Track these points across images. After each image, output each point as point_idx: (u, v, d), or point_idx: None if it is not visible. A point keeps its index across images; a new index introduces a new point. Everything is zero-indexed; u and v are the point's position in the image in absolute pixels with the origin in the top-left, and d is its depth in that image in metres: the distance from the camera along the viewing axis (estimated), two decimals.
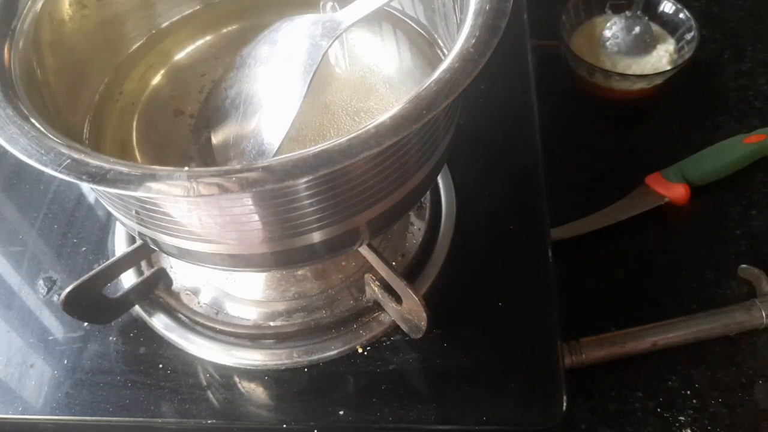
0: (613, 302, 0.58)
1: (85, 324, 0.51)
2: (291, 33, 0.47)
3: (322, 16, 0.46)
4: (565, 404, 0.45)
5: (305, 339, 0.50)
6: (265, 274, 0.53)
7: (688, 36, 0.71)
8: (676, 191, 0.64)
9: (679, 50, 0.72)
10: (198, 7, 0.56)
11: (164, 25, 0.55)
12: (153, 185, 0.33)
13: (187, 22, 0.56)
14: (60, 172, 0.34)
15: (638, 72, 0.70)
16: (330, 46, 0.45)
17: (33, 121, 0.37)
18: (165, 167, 0.34)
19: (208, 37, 0.56)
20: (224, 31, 0.56)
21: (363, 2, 0.45)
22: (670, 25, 0.73)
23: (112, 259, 0.49)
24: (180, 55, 0.55)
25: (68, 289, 0.46)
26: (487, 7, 0.38)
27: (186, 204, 0.37)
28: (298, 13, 0.52)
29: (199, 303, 0.53)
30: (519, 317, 0.50)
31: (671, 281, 0.59)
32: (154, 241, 0.43)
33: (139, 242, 0.50)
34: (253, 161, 0.42)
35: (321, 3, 0.52)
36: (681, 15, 0.72)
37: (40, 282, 0.55)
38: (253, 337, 0.50)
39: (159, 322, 0.51)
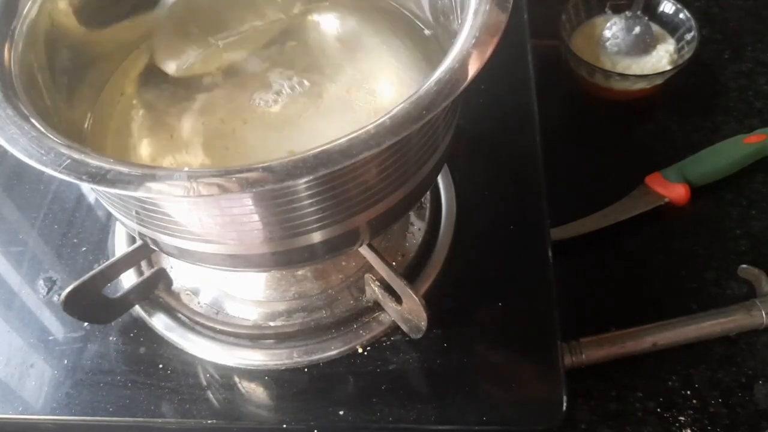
0: (613, 302, 0.58)
1: (85, 324, 0.51)
2: None
3: None
4: (565, 404, 0.45)
5: (305, 339, 0.50)
6: (265, 274, 0.53)
7: (688, 36, 0.71)
8: (676, 191, 0.64)
9: (679, 50, 0.72)
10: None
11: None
12: (153, 185, 0.33)
13: None
14: (60, 172, 0.34)
15: (638, 72, 0.70)
16: None
17: (33, 121, 0.37)
18: (165, 167, 0.34)
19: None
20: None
21: None
22: (670, 25, 0.73)
23: (112, 259, 0.49)
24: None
25: (68, 289, 0.46)
26: (487, 7, 0.38)
27: (186, 204, 0.37)
28: (298, 12, 0.52)
29: (199, 303, 0.53)
30: (519, 317, 0.50)
31: (671, 281, 0.59)
32: (154, 241, 0.43)
33: (139, 242, 0.50)
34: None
35: None
36: (681, 15, 0.72)
37: (40, 282, 0.55)
38: (253, 337, 0.50)
39: (159, 322, 0.51)
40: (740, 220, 0.63)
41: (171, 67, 0.53)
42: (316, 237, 0.40)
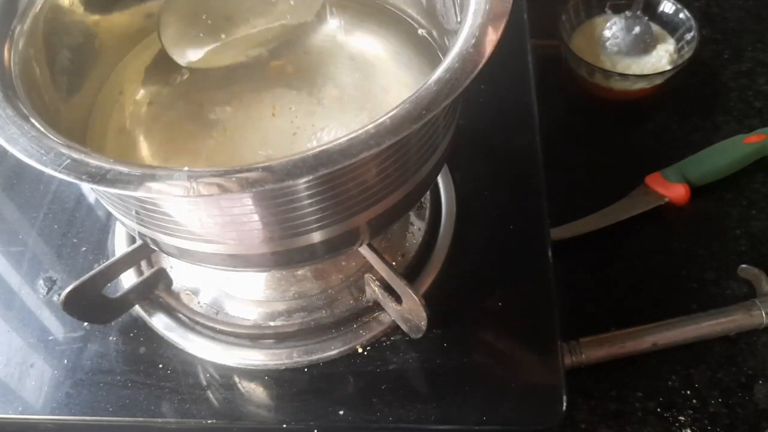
0: (613, 302, 0.58)
1: (85, 324, 0.51)
2: None
3: None
4: (565, 404, 0.45)
5: (305, 339, 0.50)
6: (265, 274, 0.53)
7: (688, 36, 0.71)
8: (676, 191, 0.64)
9: (679, 50, 0.72)
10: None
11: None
12: (153, 185, 0.33)
13: None
14: (60, 172, 0.34)
15: (638, 72, 0.70)
16: None
17: (33, 121, 0.37)
18: (165, 167, 0.34)
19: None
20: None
21: None
22: (670, 25, 0.73)
23: (112, 259, 0.49)
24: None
25: (68, 289, 0.46)
26: (487, 7, 0.38)
27: (186, 204, 0.37)
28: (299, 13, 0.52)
29: (199, 303, 0.53)
30: (519, 317, 0.50)
31: (671, 281, 0.59)
32: (154, 241, 0.43)
33: (139, 242, 0.50)
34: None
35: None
36: (681, 15, 0.72)
37: (40, 282, 0.55)
38: (253, 337, 0.50)
39: (159, 322, 0.51)
40: (740, 220, 0.63)
41: (178, 54, 0.53)
42: (316, 237, 0.40)
